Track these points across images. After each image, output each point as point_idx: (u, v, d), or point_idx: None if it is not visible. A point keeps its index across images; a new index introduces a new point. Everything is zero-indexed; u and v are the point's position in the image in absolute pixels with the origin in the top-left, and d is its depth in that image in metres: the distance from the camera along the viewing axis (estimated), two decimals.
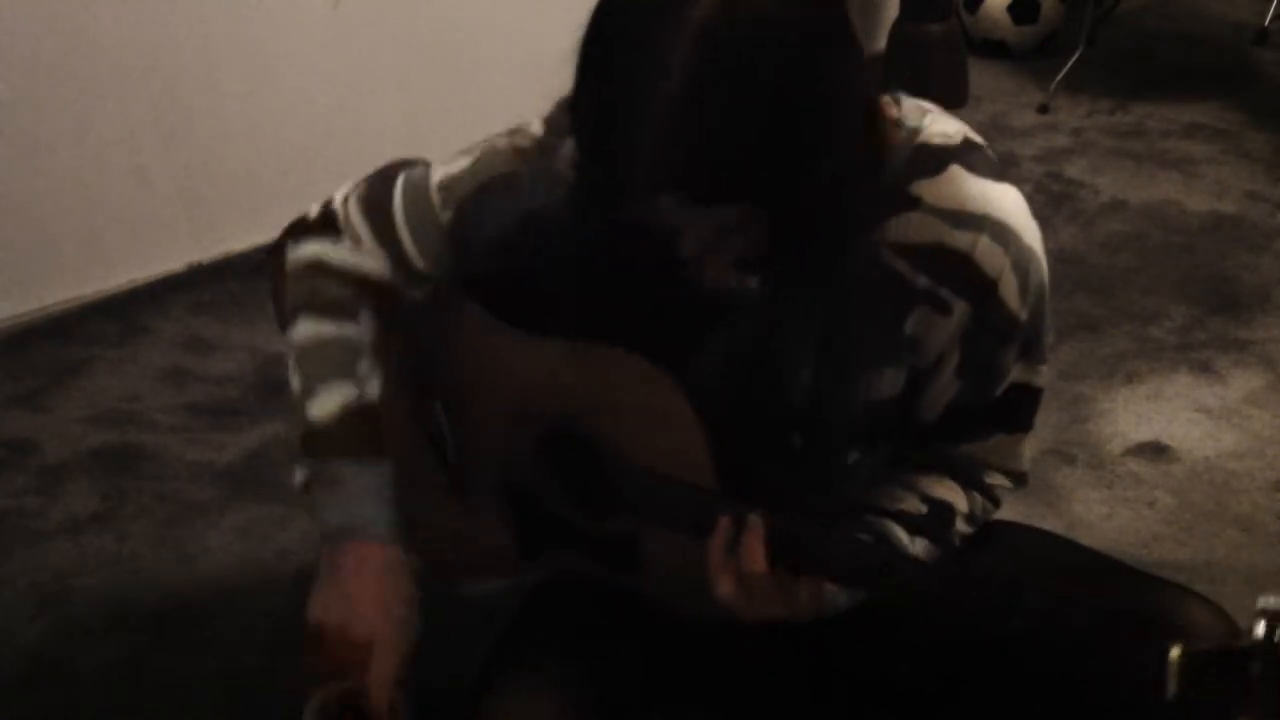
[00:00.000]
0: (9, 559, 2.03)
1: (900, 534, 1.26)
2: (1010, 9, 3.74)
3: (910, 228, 1.18)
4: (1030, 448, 1.35)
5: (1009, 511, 1.95)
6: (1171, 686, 0.99)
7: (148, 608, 1.94)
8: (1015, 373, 1.28)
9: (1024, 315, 1.23)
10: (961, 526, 1.32)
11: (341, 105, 2.86)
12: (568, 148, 1.21)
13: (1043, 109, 3.49)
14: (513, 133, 1.29)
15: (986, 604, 1.13)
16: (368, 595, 1.24)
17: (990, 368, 1.26)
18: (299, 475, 1.30)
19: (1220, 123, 3.40)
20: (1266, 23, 3.85)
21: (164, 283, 2.74)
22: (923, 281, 1.20)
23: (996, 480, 1.34)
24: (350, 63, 2.83)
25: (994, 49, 3.80)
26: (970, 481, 1.32)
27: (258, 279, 2.76)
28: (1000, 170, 1.22)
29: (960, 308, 1.21)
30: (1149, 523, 2.07)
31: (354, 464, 1.28)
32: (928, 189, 1.18)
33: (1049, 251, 1.24)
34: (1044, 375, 1.30)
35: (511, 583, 1.51)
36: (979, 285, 1.20)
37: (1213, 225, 2.92)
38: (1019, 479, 1.35)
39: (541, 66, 1.16)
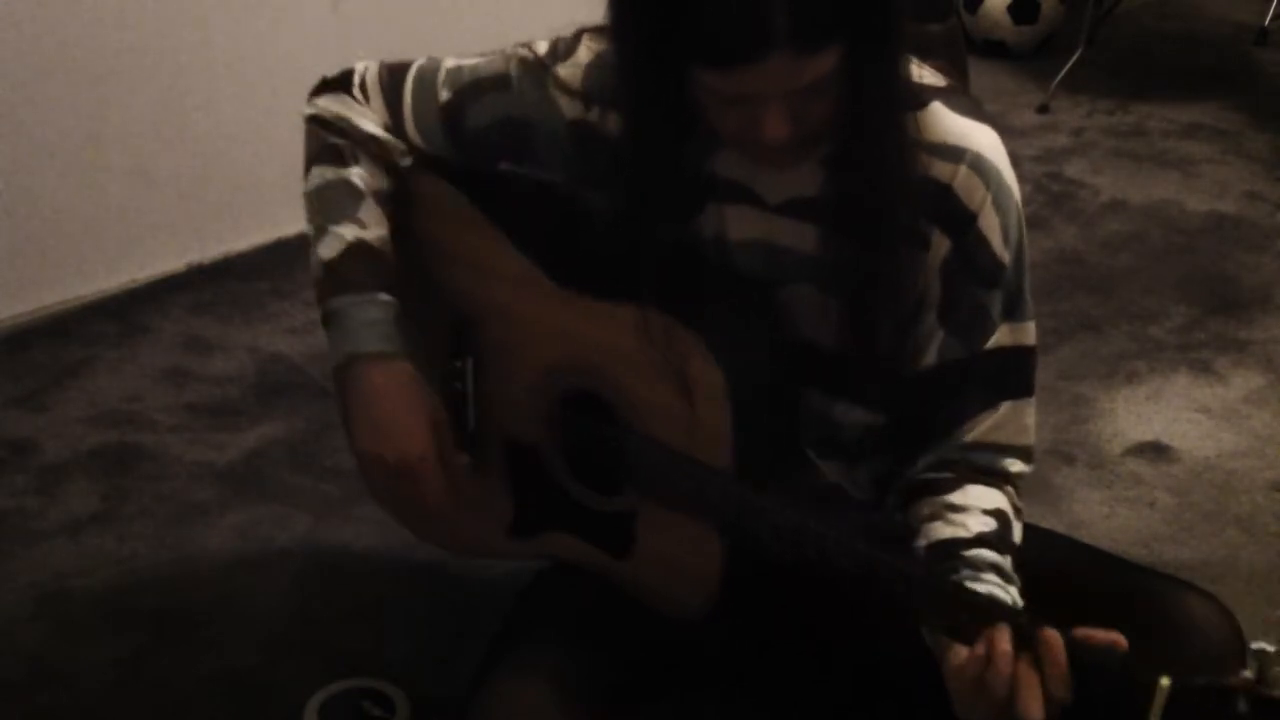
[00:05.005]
0: (9, 559, 2.03)
1: (998, 558, 1.23)
2: (1010, 9, 3.74)
3: None
4: (1034, 423, 1.32)
5: None
6: (1155, 715, 0.98)
7: (148, 608, 1.94)
8: (1005, 334, 1.27)
9: (1007, 258, 1.24)
10: (1016, 526, 1.28)
11: None
12: (564, 70, 1.33)
13: (1043, 109, 3.49)
14: (522, 45, 1.38)
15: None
16: (389, 421, 1.34)
17: (976, 315, 1.26)
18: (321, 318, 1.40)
19: (1220, 123, 3.40)
20: (1266, 23, 3.85)
21: (164, 283, 2.74)
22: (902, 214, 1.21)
23: (1016, 467, 1.31)
24: (350, 63, 2.82)
25: (994, 49, 3.80)
26: (996, 475, 1.30)
27: (258, 279, 2.76)
28: (981, 113, 1.24)
29: (939, 242, 1.23)
30: (1149, 523, 2.07)
31: (355, 297, 1.35)
32: (909, 122, 1.19)
33: (1049, 251, 1.24)
34: (1032, 333, 1.30)
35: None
36: (959, 217, 1.22)
37: (1213, 225, 2.92)
38: (1028, 456, 1.32)
39: None
